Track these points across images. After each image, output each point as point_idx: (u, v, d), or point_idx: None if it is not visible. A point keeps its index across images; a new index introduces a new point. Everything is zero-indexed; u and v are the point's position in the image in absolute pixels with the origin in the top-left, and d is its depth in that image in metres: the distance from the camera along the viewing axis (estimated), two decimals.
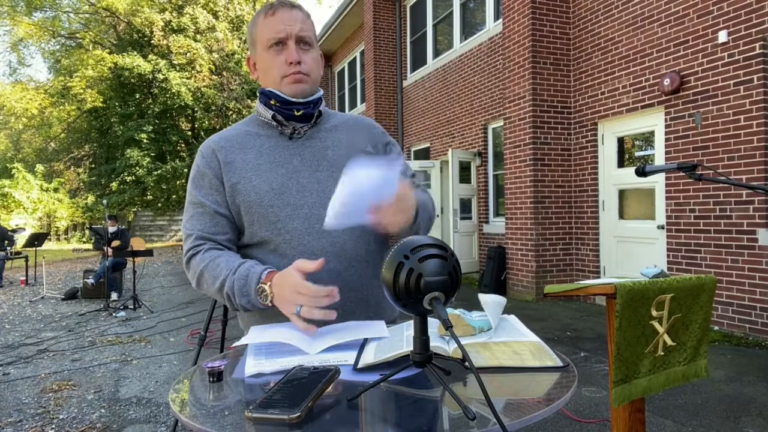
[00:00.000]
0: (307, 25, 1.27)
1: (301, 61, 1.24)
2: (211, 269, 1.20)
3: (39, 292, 8.92)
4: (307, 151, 1.28)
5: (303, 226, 1.23)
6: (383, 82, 11.95)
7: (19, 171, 22.39)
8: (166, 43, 21.31)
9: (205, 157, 1.29)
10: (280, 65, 1.24)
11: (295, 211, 1.23)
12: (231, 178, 1.26)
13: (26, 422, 3.25)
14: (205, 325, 3.16)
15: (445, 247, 0.79)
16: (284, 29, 1.23)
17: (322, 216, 1.21)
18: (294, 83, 1.24)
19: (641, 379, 1.32)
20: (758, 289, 4.78)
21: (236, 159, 1.27)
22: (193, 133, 24.07)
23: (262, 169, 1.26)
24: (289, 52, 1.23)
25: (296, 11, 1.26)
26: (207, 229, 1.26)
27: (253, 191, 1.24)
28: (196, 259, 1.24)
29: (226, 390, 0.85)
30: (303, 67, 1.25)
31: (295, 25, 1.24)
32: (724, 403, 3.27)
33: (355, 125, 1.37)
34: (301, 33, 1.25)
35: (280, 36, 1.23)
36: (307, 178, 1.25)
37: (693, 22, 5.37)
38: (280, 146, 1.28)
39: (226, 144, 1.29)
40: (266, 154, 1.27)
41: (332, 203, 0.99)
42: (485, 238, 8.92)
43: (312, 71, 1.27)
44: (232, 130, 1.34)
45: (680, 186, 5.50)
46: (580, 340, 4.88)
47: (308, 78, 1.26)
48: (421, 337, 0.81)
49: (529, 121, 6.88)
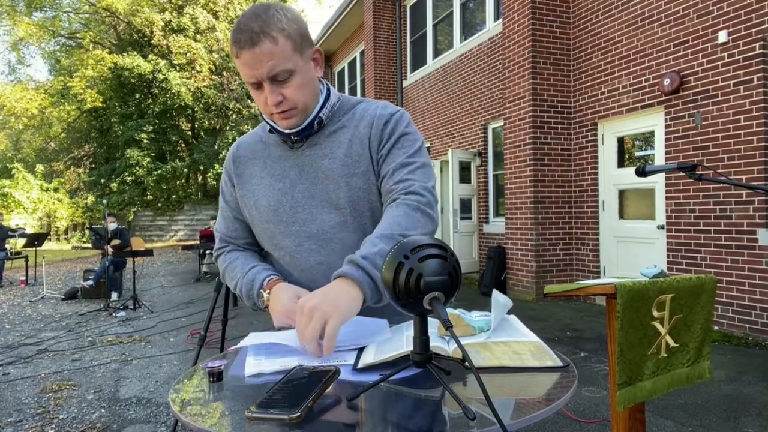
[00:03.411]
0: (277, 56, 1.09)
1: (283, 99, 1.14)
2: (230, 270, 1.30)
3: (39, 292, 8.92)
4: (306, 161, 1.24)
5: (293, 244, 1.24)
6: (383, 82, 11.95)
7: (19, 171, 22.39)
8: (166, 43, 21.32)
9: (227, 163, 1.36)
10: (263, 104, 1.17)
11: (287, 228, 1.24)
12: (239, 190, 1.31)
13: (26, 422, 3.25)
14: (205, 325, 3.16)
15: (445, 247, 0.79)
16: (253, 74, 1.11)
17: (311, 233, 1.23)
18: (283, 120, 1.18)
19: (645, 382, 1.32)
20: (758, 289, 4.78)
21: (245, 171, 1.31)
22: (193, 133, 24.07)
23: (264, 183, 1.27)
24: (268, 95, 1.13)
25: (260, 48, 1.08)
26: (229, 233, 1.35)
27: (254, 207, 1.28)
28: (220, 259, 1.36)
29: (226, 390, 0.85)
30: (286, 103, 1.15)
31: (262, 67, 1.09)
32: (724, 403, 3.27)
33: (361, 120, 1.24)
34: (271, 73, 1.10)
35: (252, 81, 1.13)
36: (302, 192, 1.24)
37: (693, 22, 5.37)
38: (283, 156, 1.27)
39: (241, 153, 1.33)
40: (269, 167, 1.28)
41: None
42: (485, 238, 8.92)
43: (299, 101, 1.16)
44: (250, 136, 1.35)
45: (680, 186, 5.50)
46: (580, 340, 4.88)
47: (295, 110, 1.17)
48: (421, 337, 0.81)
49: (529, 121, 6.87)
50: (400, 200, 1.13)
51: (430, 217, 1.14)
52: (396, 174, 1.17)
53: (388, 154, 1.21)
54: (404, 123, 1.23)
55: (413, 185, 1.15)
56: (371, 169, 1.21)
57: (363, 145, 1.21)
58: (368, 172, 1.21)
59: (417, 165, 1.19)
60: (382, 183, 1.20)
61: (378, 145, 1.21)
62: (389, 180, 1.18)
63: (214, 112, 22.36)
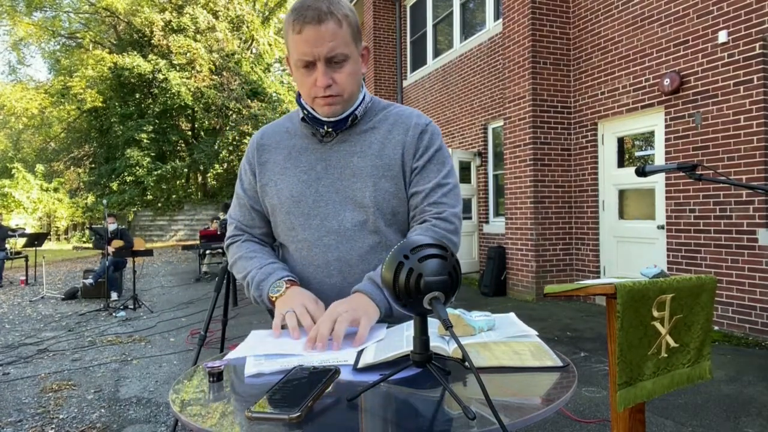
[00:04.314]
0: (339, 38, 1.11)
1: (333, 83, 1.14)
2: (244, 260, 1.28)
3: (39, 292, 8.92)
4: (335, 156, 1.23)
5: (312, 237, 1.23)
6: (383, 82, 11.96)
7: (19, 171, 22.40)
8: (166, 43, 21.32)
9: (249, 151, 1.34)
10: (310, 86, 1.15)
11: (307, 221, 1.23)
12: (262, 178, 1.29)
13: (26, 422, 3.25)
14: (205, 325, 3.16)
15: (444, 247, 0.79)
16: (311, 52, 1.10)
17: (332, 228, 1.22)
18: (326, 106, 1.17)
19: (645, 382, 1.32)
20: (758, 289, 4.78)
21: (269, 159, 1.29)
22: (193, 133, 24.08)
23: (288, 173, 1.25)
24: (319, 75, 1.13)
25: (325, 26, 1.09)
26: (245, 221, 1.34)
27: (276, 196, 1.26)
28: (233, 248, 1.34)
29: (226, 390, 0.85)
30: (334, 88, 1.15)
31: (323, 45, 1.10)
32: (724, 403, 3.27)
33: (395, 124, 1.24)
34: (330, 54, 1.11)
35: (307, 59, 1.12)
36: (326, 186, 1.22)
37: (693, 22, 5.37)
38: (309, 149, 1.26)
39: (266, 141, 1.31)
40: (294, 157, 1.26)
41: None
42: (485, 238, 8.92)
43: (346, 89, 1.16)
44: (275, 126, 1.34)
45: (680, 186, 5.50)
46: (580, 340, 4.88)
47: (341, 98, 1.17)
48: (421, 337, 0.81)
49: (529, 121, 6.88)
50: (430, 224, 1.19)
51: (455, 244, 1.21)
52: (431, 195, 1.22)
53: (424, 167, 1.23)
54: (439, 137, 1.27)
55: (445, 212, 1.21)
56: (401, 175, 1.22)
57: (396, 150, 1.22)
58: (398, 177, 1.22)
59: (450, 187, 1.24)
60: (415, 198, 1.23)
61: (414, 155, 1.23)
62: (424, 199, 1.22)
63: (214, 112, 22.36)
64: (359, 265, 1.22)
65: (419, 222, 1.22)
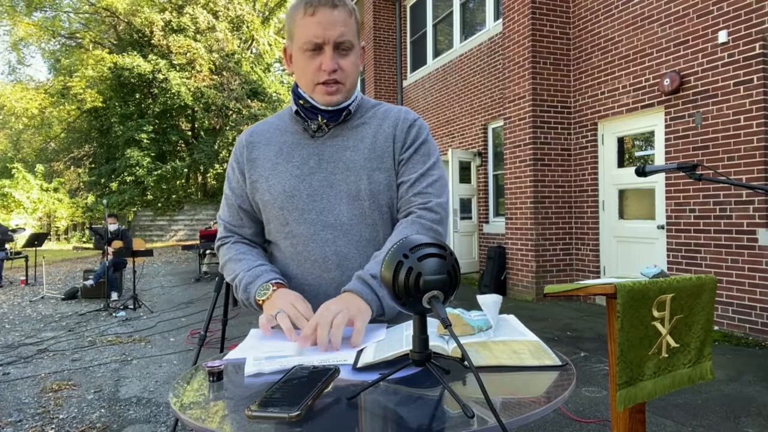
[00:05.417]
0: (349, 26, 1.15)
1: (338, 69, 1.15)
2: (234, 262, 1.27)
3: (39, 292, 8.92)
4: (327, 150, 1.24)
5: (308, 232, 1.22)
6: (383, 82, 11.96)
7: (19, 171, 22.39)
8: (166, 43, 21.33)
9: (237, 149, 1.33)
10: (314, 71, 1.16)
11: (302, 215, 1.22)
12: (251, 175, 1.28)
13: (26, 422, 3.25)
14: (205, 325, 3.16)
15: (443, 246, 0.79)
16: (322, 34, 1.12)
17: (328, 222, 1.21)
18: (327, 94, 1.17)
19: (646, 382, 1.32)
20: (758, 289, 4.78)
21: (260, 156, 1.28)
22: (193, 133, 24.08)
23: (279, 168, 1.25)
24: (326, 59, 1.14)
25: (338, 11, 1.13)
26: (233, 222, 1.33)
27: (268, 192, 1.25)
28: (223, 249, 1.33)
29: (226, 390, 0.85)
30: (339, 75, 1.16)
31: (334, 29, 1.13)
32: (724, 403, 3.27)
33: (384, 119, 1.27)
34: (340, 38, 1.14)
35: (317, 41, 1.13)
36: (320, 180, 1.22)
37: (693, 22, 5.37)
38: (301, 144, 1.25)
39: (255, 139, 1.31)
40: (286, 153, 1.26)
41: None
42: (485, 238, 8.92)
43: (348, 78, 1.18)
44: (264, 124, 1.34)
45: (680, 186, 5.50)
46: (580, 340, 4.88)
47: (343, 87, 1.18)
48: (420, 336, 0.81)
49: (529, 121, 6.88)
50: (416, 216, 1.19)
51: (440, 234, 1.21)
52: (416, 185, 1.23)
53: (410, 159, 1.25)
54: (426, 131, 1.29)
55: (430, 201, 1.21)
56: (393, 167, 1.24)
57: (387, 142, 1.25)
58: (390, 169, 1.24)
59: (435, 177, 1.24)
60: (401, 188, 1.24)
61: (402, 147, 1.25)
62: (410, 189, 1.23)
63: (214, 112, 22.37)
64: (357, 258, 1.22)
65: (405, 214, 1.22)
